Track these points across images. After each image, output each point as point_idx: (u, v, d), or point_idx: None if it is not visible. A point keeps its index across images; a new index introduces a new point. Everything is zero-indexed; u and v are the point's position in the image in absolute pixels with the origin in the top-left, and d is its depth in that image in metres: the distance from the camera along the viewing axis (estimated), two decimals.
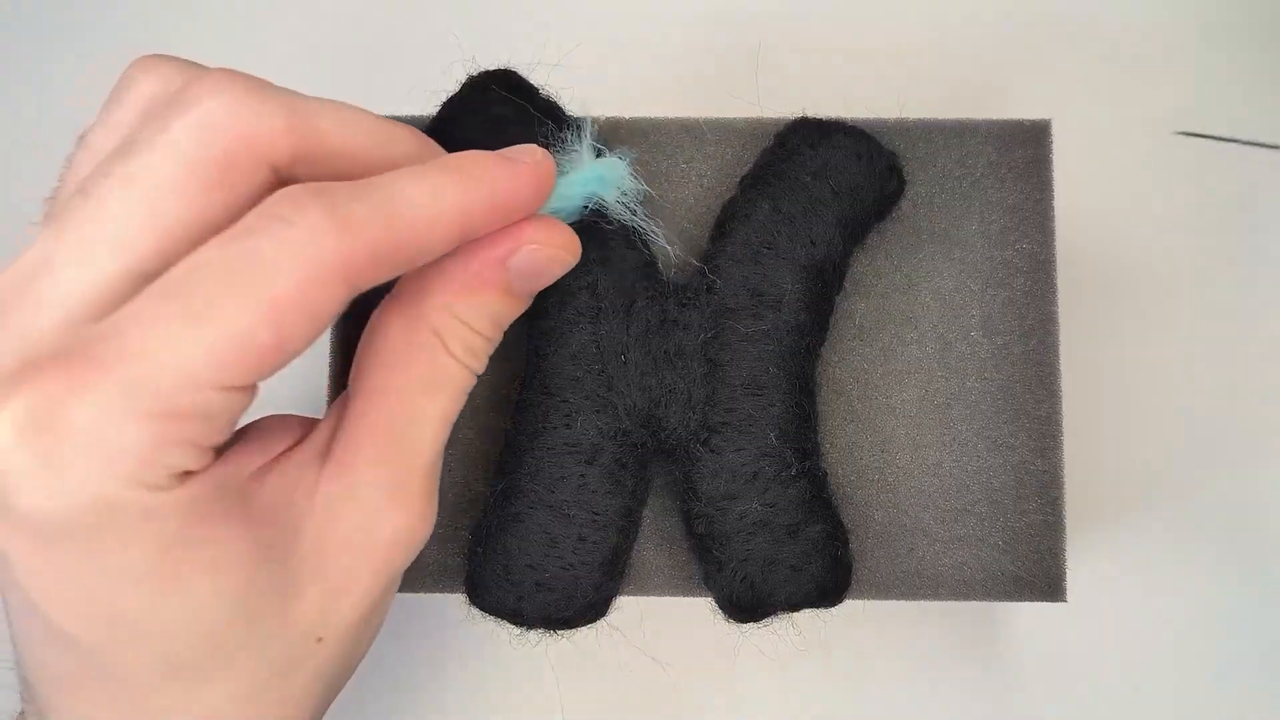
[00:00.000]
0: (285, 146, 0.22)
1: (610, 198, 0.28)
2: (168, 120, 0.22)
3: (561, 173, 0.27)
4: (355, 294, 0.22)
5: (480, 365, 0.26)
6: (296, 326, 0.21)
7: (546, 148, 0.29)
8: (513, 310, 0.27)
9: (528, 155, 0.25)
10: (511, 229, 0.26)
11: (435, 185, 0.23)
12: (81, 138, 0.24)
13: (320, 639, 0.24)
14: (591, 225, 0.29)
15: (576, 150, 0.28)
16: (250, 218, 0.21)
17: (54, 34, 0.40)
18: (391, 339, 0.25)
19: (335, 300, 0.22)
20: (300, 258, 0.21)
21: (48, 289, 0.21)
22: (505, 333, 0.27)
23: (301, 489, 0.24)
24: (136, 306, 0.21)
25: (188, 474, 0.22)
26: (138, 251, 0.21)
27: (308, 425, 0.26)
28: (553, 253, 0.26)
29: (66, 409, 0.20)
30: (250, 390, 0.22)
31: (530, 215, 0.26)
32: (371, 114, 0.25)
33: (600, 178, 0.28)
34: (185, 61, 0.24)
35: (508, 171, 0.25)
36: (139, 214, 0.21)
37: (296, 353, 0.22)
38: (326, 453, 0.25)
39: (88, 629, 0.22)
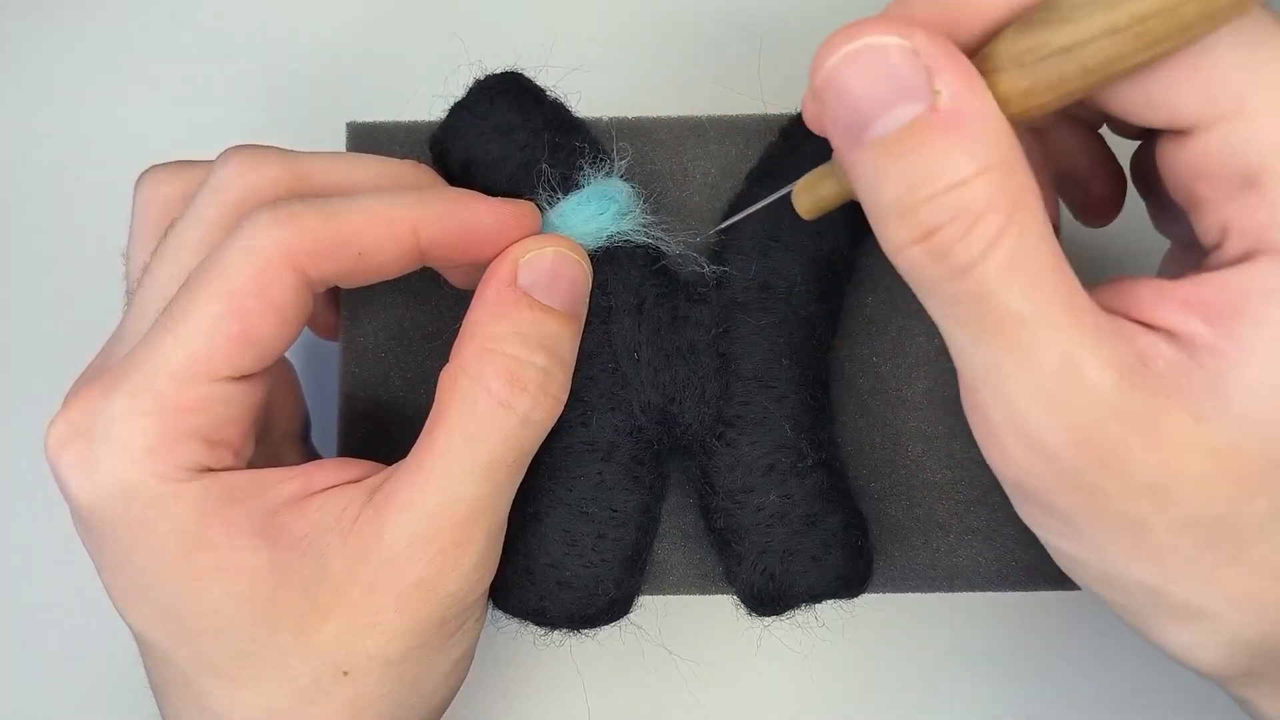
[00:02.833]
0: (283, 189, 0.27)
1: (625, 227, 0.29)
2: (196, 197, 0.27)
3: (571, 205, 0.28)
4: (312, 284, 0.25)
5: (535, 399, 0.26)
6: (257, 314, 0.25)
7: (553, 151, 0.29)
8: (554, 325, 0.27)
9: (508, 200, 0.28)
10: (505, 252, 0.27)
11: (385, 194, 0.26)
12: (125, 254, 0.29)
13: (347, 673, 0.25)
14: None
15: (584, 184, 0.29)
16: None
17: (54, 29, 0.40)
18: (440, 393, 0.26)
19: (288, 286, 0.25)
20: (250, 253, 0.25)
21: (117, 345, 0.27)
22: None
23: (338, 525, 0.25)
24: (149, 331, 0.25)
25: (206, 471, 0.25)
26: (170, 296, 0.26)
27: (368, 470, 0.27)
28: (552, 251, 0.27)
29: (94, 415, 0.25)
30: (246, 383, 0.25)
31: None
32: (361, 156, 0.29)
33: (607, 209, 0.28)
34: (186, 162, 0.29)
35: (473, 196, 0.27)
36: (173, 273, 0.26)
37: (268, 342, 0.25)
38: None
39: (143, 621, 0.26)
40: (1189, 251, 0.24)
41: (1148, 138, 0.23)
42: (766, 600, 0.29)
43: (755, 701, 0.35)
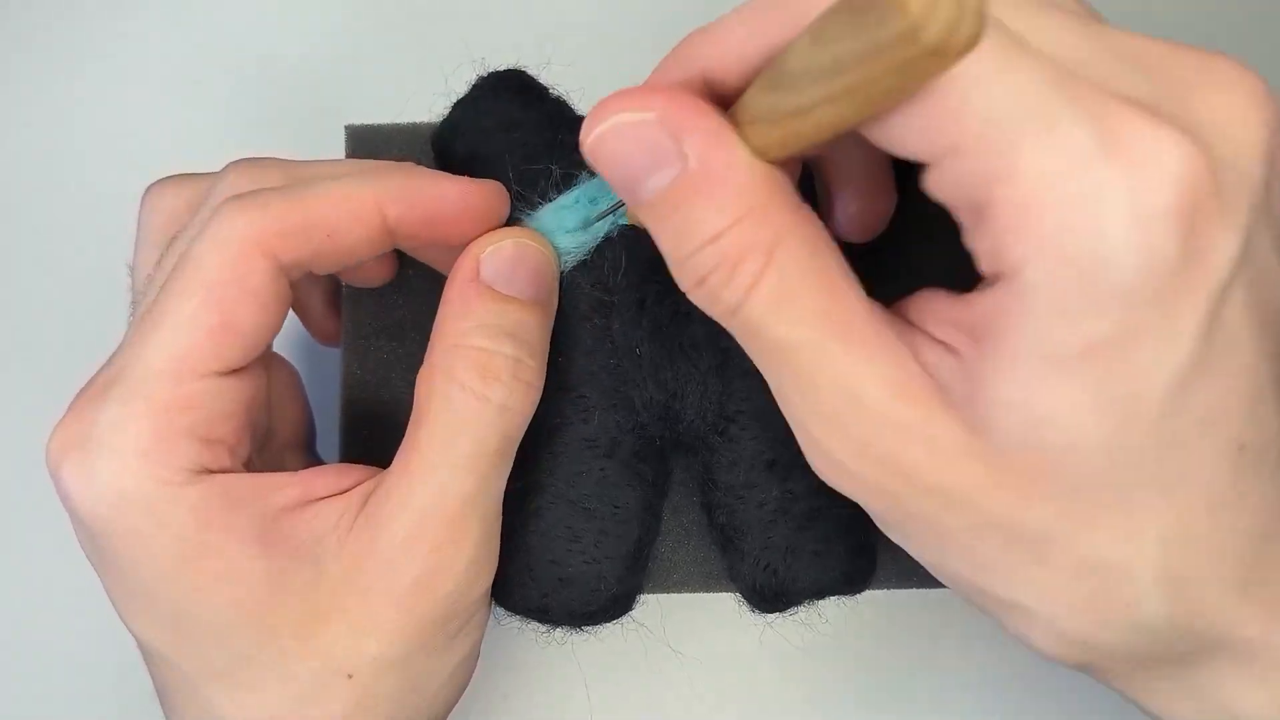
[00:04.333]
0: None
1: (620, 222, 0.29)
2: (200, 209, 0.27)
3: (567, 202, 0.28)
4: (286, 268, 0.25)
5: (509, 387, 0.26)
6: (235, 303, 0.25)
7: (555, 148, 0.29)
8: (519, 314, 0.27)
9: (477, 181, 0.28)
10: (467, 249, 0.27)
11: (348, 178, 0.26)
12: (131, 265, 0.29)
13: (351, 675, 0.26)
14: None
15: (581, 181, 0.29)
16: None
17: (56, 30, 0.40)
18: (418, 396, 0.26)
19: (262, 271, 0.25)
20: (219, 242, 0.25)
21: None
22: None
23: (335, 531, 0.26)
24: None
25: (204, 472, 0.25)
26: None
27: (367, 475, 0.27)
28: (511, 242, 0.27)
29: (89, 425, 0.25)
30: (235, 377, 0.26)
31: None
32: (361, 162, 0.29)
33: (602, 205, 0.28)
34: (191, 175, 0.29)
35: (437, 174, 0.27)
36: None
37: (250, 331, 0.25)
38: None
39: (146, 629, 0.26)
40: None
41: None
42: (769, 597, 0.29)
43: (758, 699, 0.35)
